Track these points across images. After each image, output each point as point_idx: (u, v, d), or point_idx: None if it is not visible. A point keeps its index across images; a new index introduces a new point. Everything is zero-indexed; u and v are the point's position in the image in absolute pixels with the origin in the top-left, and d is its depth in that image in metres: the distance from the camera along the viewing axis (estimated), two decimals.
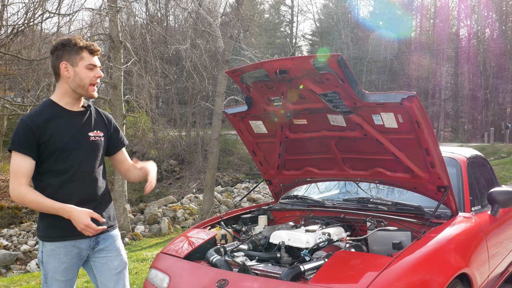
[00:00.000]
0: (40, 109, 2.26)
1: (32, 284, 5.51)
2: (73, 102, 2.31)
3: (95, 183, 2.32)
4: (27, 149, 2.15)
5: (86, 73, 2.25)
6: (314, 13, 47.42)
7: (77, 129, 2.28)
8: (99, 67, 2.31)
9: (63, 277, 2.25)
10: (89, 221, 2.14)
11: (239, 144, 23.31)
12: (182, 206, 14.96)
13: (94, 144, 2.34)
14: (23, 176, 2.14)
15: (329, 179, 3.53)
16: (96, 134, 2.35)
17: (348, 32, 40.29)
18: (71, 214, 2.14)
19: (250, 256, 2.78)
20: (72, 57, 2.24)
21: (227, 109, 3.34)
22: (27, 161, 2.15)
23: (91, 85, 2.28)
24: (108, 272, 2.37)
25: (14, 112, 11.07)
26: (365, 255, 2.57)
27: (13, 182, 2.15)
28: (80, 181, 2.26)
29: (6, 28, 13.16)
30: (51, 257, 2.24)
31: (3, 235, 12.29)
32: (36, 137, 2.16)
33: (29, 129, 2.16)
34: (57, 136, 2.21)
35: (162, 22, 23.28)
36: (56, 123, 2.22)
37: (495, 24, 40.58)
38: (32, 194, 2.15)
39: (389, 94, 2.57)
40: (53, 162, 2.21)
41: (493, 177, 4.18)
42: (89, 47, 2.26)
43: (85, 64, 2.25)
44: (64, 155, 2.22)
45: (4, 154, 17.48)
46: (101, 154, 2.39)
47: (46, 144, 2.18)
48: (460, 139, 34.13)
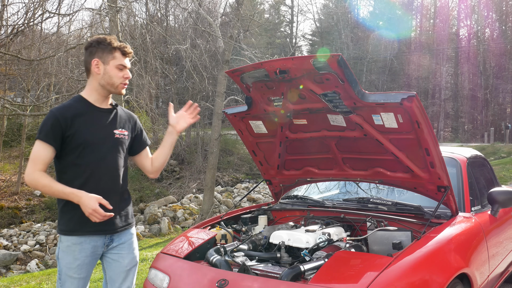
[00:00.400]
0: (70, 103, 2.34)
1: (32, 284, 5.51)
2: (101, 99, 2.39)
3: (116, 179, 2.38)
4: (51, 139, 2.23)
5: (116, 72, 2.34)
6: (314, 13, 47.49)
7: (103, 126, 2.36)
8: (128, 69, 2.40)
9: (77, 274, 2.29)
10: (97, 206, 2.18)
11: (239, 144, 23.31)
12: (182, 206, 14.97)
13: (118, 142, 2.41)
14: (40, 163, 2.22)
15: (329, 179, 3.53)
16: (121, 132, 2.43)
17: (348, 32, 40.30)
18: (80, 199, 2.19)
19: (250, 256, 2.78)
20: (104, 55, 2.33)
21: (227, 109, 3.34)
22: (47, 150, 2.23)
23: (121, 84, 2.37)
24: (118, 269, 2.42)
25: (14, 112, 11.06)
26: (365, 255, 2.57)
27: (30, 167, 2.23)
28: (102, 177, 2.32)
29: (6, 28, 13.16)
30: (66, 253, 2.29)
31: (3, 235, 12.29)
32: (63, 130, 2.24)
33: (57, 121, 2.23)
34: (83, 131, 2.28)
35: (162, 22, 23.28)
36: (83, 118, 2.30)
37: (495, 24, 40.58)
38: (45, 179, 2.21)
39: (389, 94, 2.57)
40: (77, 156, 2.27)
41: (493, 177, 4.18)
42: (122, 48, 2.35)
43: (116, 63, 2.34)
44: (88, 150, 2.29)
45: (4, 154, 17.49)
46: (125, 152, 2.45)
47: (72, 137, 2.26)
48: (460, 139, 34.14)
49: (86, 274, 2.32)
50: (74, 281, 2.29)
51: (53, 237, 12.07)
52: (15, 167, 16.48)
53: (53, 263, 10.62)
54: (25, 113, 12.32)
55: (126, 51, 2.37)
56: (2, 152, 17.05)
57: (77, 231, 2.27)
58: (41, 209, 14.80)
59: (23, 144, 16.26)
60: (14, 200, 14.90)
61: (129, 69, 2.42)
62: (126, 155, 2.47)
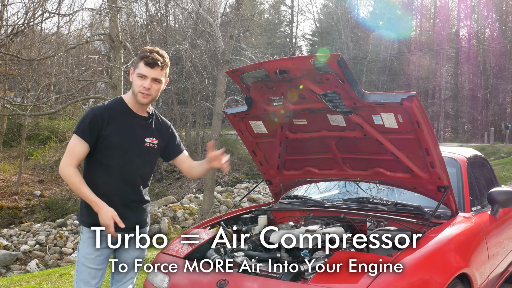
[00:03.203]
0: (110, 104, 2.47)
1: (32, 284, 5.51)
2: (137, 106, 2.49)
3: (140, 184, 2.50)
4: (87, 136, 2.34)
5: (136, 80, 2.42)
6: (314, 13, 47.38)
7: (135, 132, 2.47)
8: (151, 78, 2.40)
9: (93, 265, 2.40)
10: (111, 223, 2.31)
11: (239, 144, 23.31)
12: (182, 206, 14.97)
13: (147, 150, 2.51)
14: (75, 158, 2.34)
15: (329, 179, 3.53)
16: (151, 141, 2.53)
17: (348, 32, 40.29)
18: (100, 211, 2.31)
19: (250, 256, 2.78)
20: (135, 64, 2.46)
21: (227, 109, 3.34)
22: (83, 146, 2.35)
23: (139, 93, 2.42)
24: (128, 259, 2.56)
25: (14, 112, 11.06)
26: (365, 255, 2.56)
27: (65, 159, 2.35)
28: (127, 180, 2.44)
29: (6, 28, 13.15)
30: (86, 244, 2.41)
31: (3, 235, 12.29)
32: (99, 129, 2.36)
33: (95, 119, 2.35)
34: (116, 134, 2.39)
35: (162, 22, 23.28)
36: (119, 121, 2.42)
37: (495, 24, 40.57)
38: (76, 178, 2.33)
39: (389, 94, 2.57)
40: (106, 156, 2.39)
41: (493, 177, 4.18)
42: (144, 58, 2.39)
43: (138, 72, 2.41)
44: (118, 153, 2.40)
45: (4, 154, 17.49)
46: (152, 160, 2.58)
47: (105, 138, 2.37)
48: (460, 139, 34.12)
49: (102, 266, 2.44)
50: (92, 271, 2.40)
51: (53, 237, 12.07)
52: (15, 167, 16.48)
53: (53, 263, 10.62)
54: (25, 113, 12.31)
55: (148, 61, 2.38)
56: (2, 152, 17.05)
57: (98, 225, 2.36)
58: (41, 209, 14.80)
59: (23, 144, 16.26)
60: (14, 200, 14.90)
61: (157, 80, 2.42)
62: (153, 162, 2.60)
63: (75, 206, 15.05)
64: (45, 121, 20.08)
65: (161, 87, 2.49)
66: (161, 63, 2.40)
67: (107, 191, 2.39)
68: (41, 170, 17.26)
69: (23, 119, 16.67)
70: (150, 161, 2.56)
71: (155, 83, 2.42)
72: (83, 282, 2.40)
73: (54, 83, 17.78)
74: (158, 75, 2.41)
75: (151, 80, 2.40)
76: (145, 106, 2.51)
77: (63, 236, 12.15)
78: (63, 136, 17.90)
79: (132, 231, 2.49)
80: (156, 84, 2.43)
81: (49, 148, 17.90)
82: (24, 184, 15.79)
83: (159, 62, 2.39)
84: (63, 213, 14.60)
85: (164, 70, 2.44)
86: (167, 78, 2.55)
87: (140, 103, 2.46)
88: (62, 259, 11.03)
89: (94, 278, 2.41)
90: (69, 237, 12.21)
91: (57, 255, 11.25)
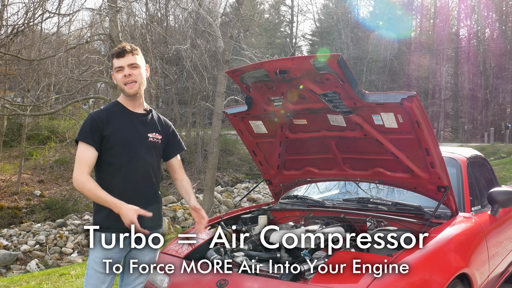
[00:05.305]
0: (106, 107, 2.50)
1: (32, 284, 5.51)
2: (132, 104, 2.51)
3: (149, 180, 2.49)
4: (91, 139, 2.36)
5: (117, 76, 2.45)
6: (314, 13, 47.35)
7: (137, 128, 2.48)
8: (127, 65, 2.43)
9: (102, 269, 2.37)
10: (135, 219, 2.27)
11: (239, 144, 23.30)
12: (182, 206, 14.96)
13: (152, 145, 2.51)
14: (85, 165, 2.35)
15: (329, 179, 3.53)
16: (154, 136, 2.53)
17: (348, 32, 40.28)
18: (120, 210, 2.29)
19: (250, 256, 2.78)
20: (111, 67, 2.49)
21: (227, 109, 3.35)
22: (90, 151, 2.36)
23: (124, 85, 2.44)
24: (142, 260, 2.51)
25: (14, 112, 11.06)
26: (365, 255, 2.57)
27: (77, 170, 2.35)
28: (135, 177, 2.43)
29: (6, 28, 13.15)
30: (96, 247, 2.39)
31: (3, 235, 12.28)
32: (100, 130, 2.38)
33: (95, 122, 2.38)
34: (119, 132, 2.41)
35: (162, 22, 23.26)
36: (118, 120, 2.44)
37: (495, 24, 40.56)
38: (91, 184, 2.33)
39: (389, 94, 2.57)
40: (112, 156, 2.40)
41: (493, 177, 4.18)
42: (114, 52, 2.44)
43: (114, 68, 2.45)
44: (122, 150, 2.41)
45: (4, 154, 17.48)
46: (158, 155, 2.57)
47: (108, 138, 2.39)
48: (460, 139, 34.13)
49: (112, 271, 2.40)
50: (101, 276, 2.37)
51: (53, 237, 12.07)
52: (15, 167, 16.47)
53: (53, 263, 10.62)
54: (25, 113, 12.32)
55: (117, 51, 2.43)
56: (2, 152, 17.04)
57: (111, 228, 2.37)
58: (41, 209, 14.79)
59: (23, 144, 16.25)
60: (14, 200, 14.89)
61: (133, 65, 2.43)
62: (159, 158, 2.59)
63: (75, 206, 15.05)
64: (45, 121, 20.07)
65: (143, 72, 2.49)
66: (129, 49, 2.43)
67: (118, 191, 2.36)
68: (41, 170, 17.25)
69: (23, 119, 16.66)
70: (157, 156, 2.55)
71: (133, 69, 2.43)
72: (92, 287, 2.38)
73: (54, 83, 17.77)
74: (131, 60, 2.43)
75: (128, 67, 2.42)
76: (139, 100, 2.51)
77: (63, 236, 12.14)
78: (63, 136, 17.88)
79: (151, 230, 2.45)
80: (135, 69, 2.44)
81: (49, 148, 17.89)
82: (24, 184, 15.79)
83: (127, 48, 2.43)
84: (63, 213, 14.59)
85: (135, 55, 2.46)
86: (147, 64, 2.56)
87: (130, 95, 2.46)
88: (62, 259, 11.03)
89: (103, 282, 2.38)
90: (69, 237, 12.20)
91: (57, 255, 11.25)
